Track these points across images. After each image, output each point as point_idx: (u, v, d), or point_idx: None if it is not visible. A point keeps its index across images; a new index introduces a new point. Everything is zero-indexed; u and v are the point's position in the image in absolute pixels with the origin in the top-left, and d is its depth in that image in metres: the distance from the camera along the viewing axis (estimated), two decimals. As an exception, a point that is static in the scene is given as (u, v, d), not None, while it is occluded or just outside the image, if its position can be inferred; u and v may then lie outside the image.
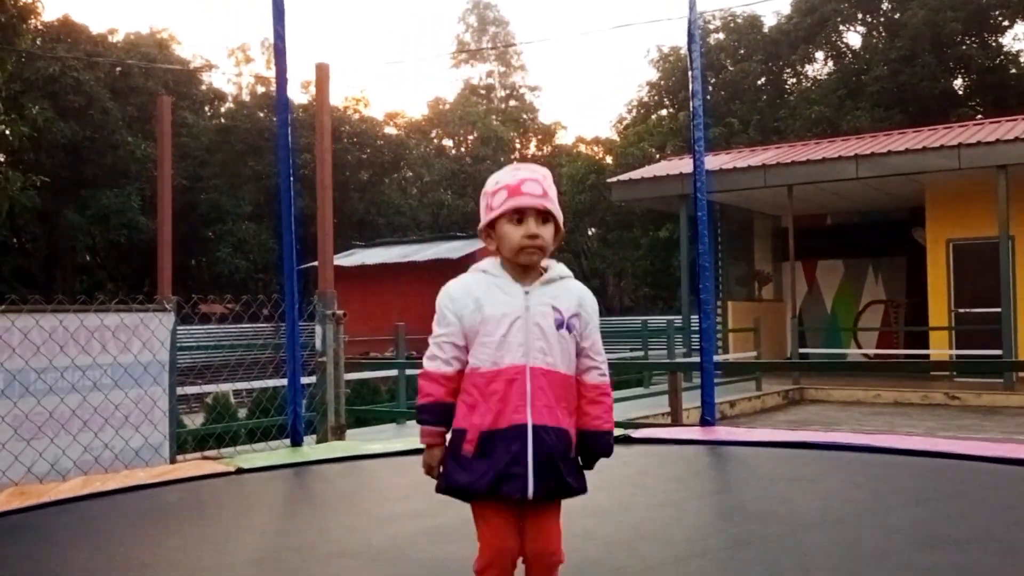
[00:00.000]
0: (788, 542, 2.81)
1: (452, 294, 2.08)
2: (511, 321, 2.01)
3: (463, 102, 42.70)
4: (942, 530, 2.88)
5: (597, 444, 2.10)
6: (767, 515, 3.14)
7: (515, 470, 1.96)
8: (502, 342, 2.01)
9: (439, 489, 2.09)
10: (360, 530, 3.19)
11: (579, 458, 2.09)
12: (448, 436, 2.06)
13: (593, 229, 32.36)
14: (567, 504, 2.08)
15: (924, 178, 13.88)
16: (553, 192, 2.08)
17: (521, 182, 2.05)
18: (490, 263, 2.11)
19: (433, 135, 42.02)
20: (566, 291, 2.09)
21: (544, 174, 2.10)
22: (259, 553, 2.82)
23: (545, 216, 2.05)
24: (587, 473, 2.10)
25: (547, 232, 2.05)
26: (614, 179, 17.61)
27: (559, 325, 2.04)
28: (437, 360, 2.06)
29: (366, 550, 2.92)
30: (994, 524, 2.92)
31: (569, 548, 2.10)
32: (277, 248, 4.66)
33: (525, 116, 46.28)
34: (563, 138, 46.25)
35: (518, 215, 2.03)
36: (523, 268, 2.06)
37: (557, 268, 2.11)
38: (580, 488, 2.08)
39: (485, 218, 2.09)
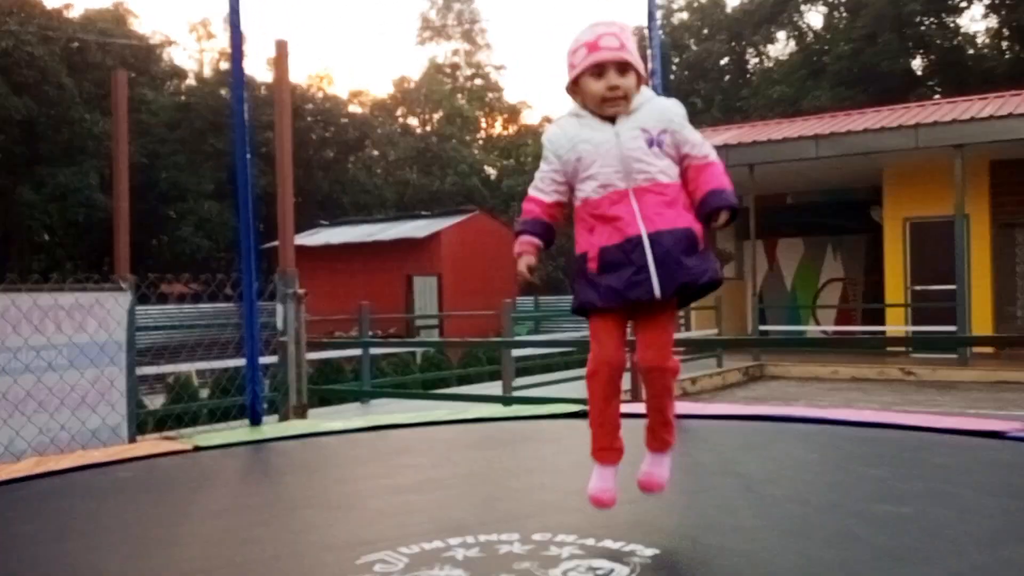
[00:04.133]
0: (743, 494, 2.90)
1: (550, 136, 2.26)
2: (605, 153, 2.17)
3: (428, 80, 42.41)
4: (892, 487, 2.98)
5: (713, 200, 2.19)
6: (721, 474, 3.22)
7: (640, 276, 2.12)
8: (600, 174, 2.17)
9: (573, 308, 2.26)
10: (317, 488, 3.25)
11: (707, 246, 2.21)
12: (540, 245, 2.27)
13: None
14: (534, 468, 2.11)
15: (882, 157, 14.07)
16: (631, 44, 2.21)
17: (599, 37, 2.18)
18: (581, 107, 2.24)
19: (398, 113, 41.74)
20: (650, 111, 2.22)
21: (621, 27, 2.24)
22: (215, 513, 2.85)
23: (624, 67, 2.17)
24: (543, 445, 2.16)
25: (628, 81, 2.18)
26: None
27: (650, 144, 2.18)
28: (537, 189, 2.28)
29: (324, 503, 2.99)
30: (943, 483, 3.02)
31: (533, 515, 2.13)
32: (239, 227, 4.61)
33: (491, 95, 46.10)
34: (529, 117, 46.18)
35: (598, 69, 2.17)
36: (610, 116, 2.19)
37: (640, 96, 2.23)
38: (714, 274, 2.20)
39: (569, 76, 2.23)
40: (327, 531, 2.60)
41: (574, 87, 2.23)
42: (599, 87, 2.16)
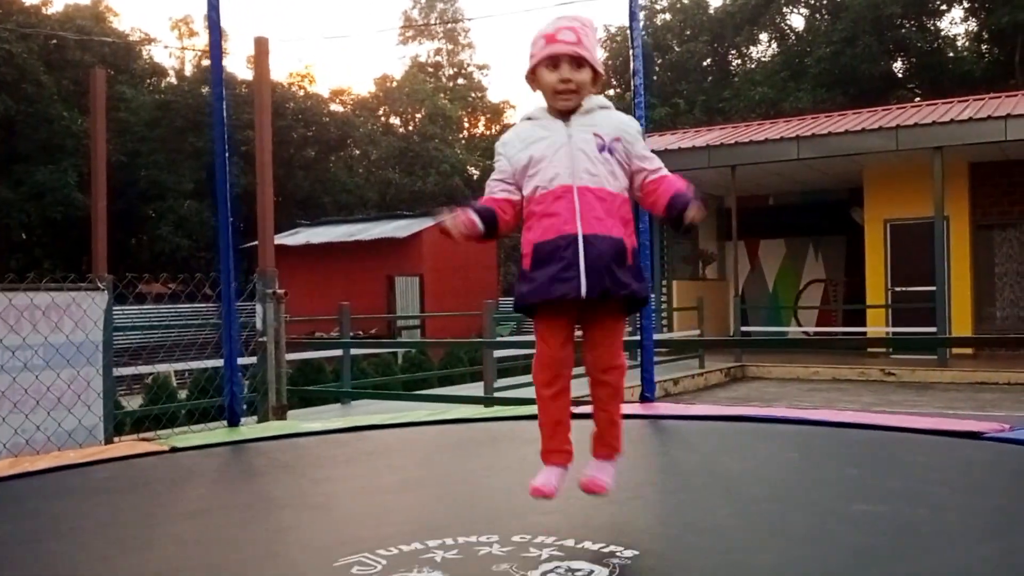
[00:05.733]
0: (722, 494, 2.90)
1: (504, 140, 2.29)
2: (555, 150, 2.18)
3: (411, 79, 42.28)
4: (870, 488, 3.00)
5: (679, 201, 2.18)
6: (702, 475, 3.22)
7: (568, 273, 2.12)
8: (548, 168, 2.18)
9: (514, 307, 2.28)
10: (294, 489, 3.22)
11: (637, 264, 2.22)
12: (477, 224, 2.21)
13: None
14: (513, 472, 2.09)
15: (863, 159, 14.16)
16: (590, 40, 2.23)
17: (557, 31, 2.22)
18: (536, 108, 2.29)
19: (380, 112, 41.59)
20: (606, 119, 2.24)
21: (583, 22, 2.25)
22: (191, 515, 2.81)
23: (579, 61, 2.19)
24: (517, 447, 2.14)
25: (581, 76, 2.20)
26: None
27: (600, 148, 2.19)
28: (487, 190, 2.30)
29: (301, 504, 2.95)
30: (921, 484, 3.03)
31: (513, 517, 2.12)
32: (218, 226, 4.57)
33: (473, 95, 46.07)
34: (512, 117, 46.14)
35: (552, 62, 2.19)
36: (562, 111, 2.21)
37: (595, 100, 2.25)
38: (638, 290, 2.21)
39: (528, 66, 2.26)
40: (304, 532, 2.58)
41: (532, 77, 2.26)
42: (552, 79, 2.18)
